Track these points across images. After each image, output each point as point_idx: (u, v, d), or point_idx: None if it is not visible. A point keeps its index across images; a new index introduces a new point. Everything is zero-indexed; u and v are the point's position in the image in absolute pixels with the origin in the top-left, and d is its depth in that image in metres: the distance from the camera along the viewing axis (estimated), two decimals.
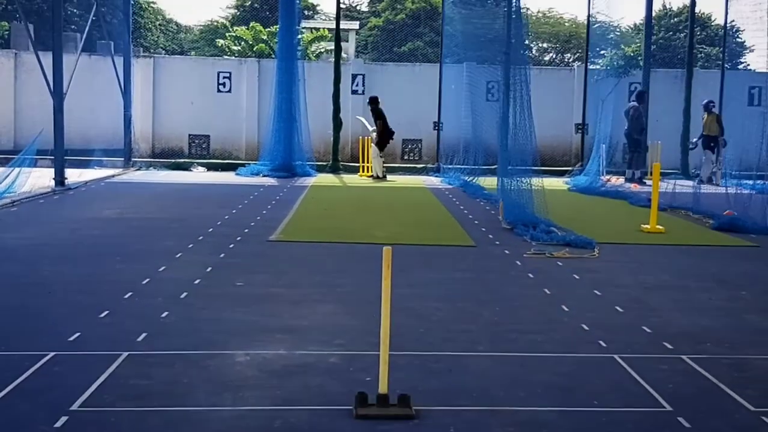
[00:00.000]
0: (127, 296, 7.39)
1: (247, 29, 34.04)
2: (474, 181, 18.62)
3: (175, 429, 4.45)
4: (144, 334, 6.14)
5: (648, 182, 19.01)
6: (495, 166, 15.15)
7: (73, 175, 17.29)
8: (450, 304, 7.50)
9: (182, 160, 23.88)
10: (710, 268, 9.72)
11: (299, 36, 23.33)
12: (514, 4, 13.97)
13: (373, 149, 21.19)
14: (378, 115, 21.00)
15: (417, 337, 6.29)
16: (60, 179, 16.32)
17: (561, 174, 22.66)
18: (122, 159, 22.31)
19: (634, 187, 19.66)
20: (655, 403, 5.01)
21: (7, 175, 14.48)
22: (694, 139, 22.23)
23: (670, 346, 6.18)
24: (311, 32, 33.43)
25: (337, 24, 23.80)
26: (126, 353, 5.66)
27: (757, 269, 9.87)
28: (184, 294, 7.52)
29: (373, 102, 21.20)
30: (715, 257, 10.55)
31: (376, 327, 4.97)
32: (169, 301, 7.24)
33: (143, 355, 5.68)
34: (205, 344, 5.95)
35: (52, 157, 16.63)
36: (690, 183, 19.78)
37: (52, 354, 5.60)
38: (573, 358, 5.91)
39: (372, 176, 21.09)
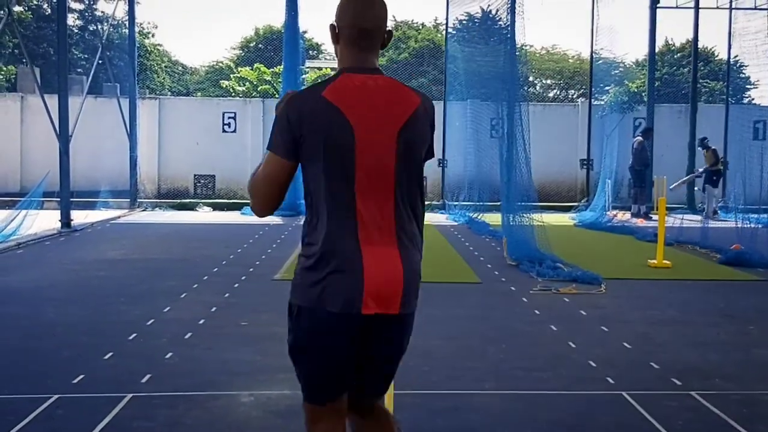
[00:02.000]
0: (131, 337, 7.36)
1: (251, 70, 34.25)
2: (479, 217, 18.61)
3: None
4: (148, 376, 6.10)
5: (654, 217, 18.96)
6: (499, 203, 15.15)
7: (79, 217, 17.29)
8: (455, 341, 7.46)
9: (188, 200, 23.92)
10: (717, 302, 9.65)
11: (303, 75, 23.41)
12: (516, 41, 14.09)
13: None
14: None
15: (421, 376, 6.24)
16: (66, 221, 16.34)
17: (567, 210, 22.65)
18: (128, 200, 22.37)
19: (640, 222, 19.63)
20: None
21: (13, 218, 14.49)
22: (700, 169, 22.17)
23: (678, 382, 6.12)
24: (315, 71, 33.60)
25: None
26: (130, 395, 5.62)
27: (765, 303, 9.81)
28: (189, 334, 7.48)
29: None
30: (722, 292, 10.48)
31: None
32: (174, 341, 7.21)
33: (147, 396, 5.64)
34: (208, 385, 5.91)
35: (58, 199, 16.66)
36: (698, 217, 19.82)
37: (55, 397, 5.56)
38: (580, 395, 5.85)
39: None
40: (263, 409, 5.43)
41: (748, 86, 35.94)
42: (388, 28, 3.23)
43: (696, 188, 22.41)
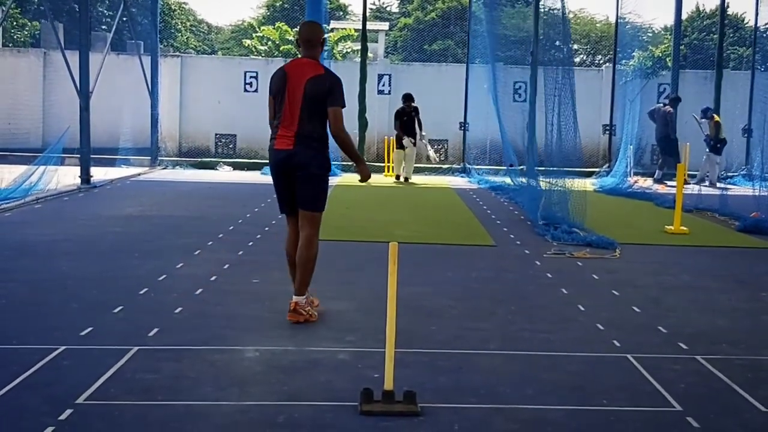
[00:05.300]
0: (142, 292, 7.41)
1: (274, 29, 34.10)
2: (499, 181, 18.55)
3: (178, 423, 4.44)
4: (156, 330, 6.15)
5: (672, 183, 18.83)
6: (522, 167, 15.04)
7: (99, 173, 17.35)
8: (464, 302, 7.46)
9: (208, 159, 23.96)
10: (732, 269, 9.59)
11: (325, 35, 23.25)
12: (542, 5, 13.99)
13: (412, 150, 20.40)
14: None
15: (428, 335, 6.26)
16: (85, 177, 16.41)
17: (588, 175, 22.52)
18: (149, 158, 22.42)
19: (661, 188, 19.48)
20: (665, 402, 4.94)
21: (32, 173, 14.56)
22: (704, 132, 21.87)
23: (684, 347, 6.10)
24: (338, 31, 33.39)
25: (364, 24, 23.77)
26: (136, 348, 5.67)
27: None
28: (200, 290, 7.52)
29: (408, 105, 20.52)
30: (738, 259, 10.42)
31: None
32: (184, 297, 7.25)
33: (153, 350, 5.69)
34: (215, 340, 5.95)
35: (79, 155, 16.70)
36: (718, 184, 19.71)
37: (62, 348, 5.62)
38: (585, 357, 5.85)
39: (405, 179, 20.37)
40: (267, 364, 5.45)
41: None
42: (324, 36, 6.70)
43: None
